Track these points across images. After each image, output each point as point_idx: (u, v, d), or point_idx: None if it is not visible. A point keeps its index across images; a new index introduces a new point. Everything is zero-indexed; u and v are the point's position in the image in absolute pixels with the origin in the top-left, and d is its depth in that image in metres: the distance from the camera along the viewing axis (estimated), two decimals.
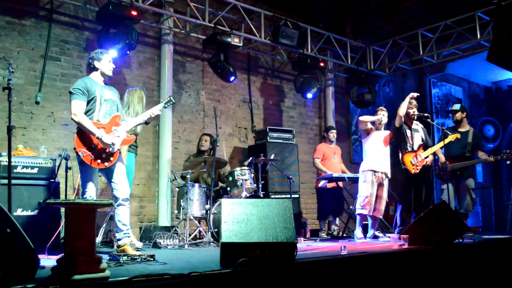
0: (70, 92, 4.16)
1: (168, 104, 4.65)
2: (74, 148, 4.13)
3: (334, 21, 9.26)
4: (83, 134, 4.12)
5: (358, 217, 6.07)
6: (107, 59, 4.38)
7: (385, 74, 9.90)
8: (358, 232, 6.01)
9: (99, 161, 4.12)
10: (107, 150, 4.16)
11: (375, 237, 5.96)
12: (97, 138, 4.09)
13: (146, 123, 4.57)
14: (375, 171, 5.96)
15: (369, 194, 5.91)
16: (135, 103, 5.27)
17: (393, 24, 9.78)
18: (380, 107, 6.32)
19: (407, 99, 6.07)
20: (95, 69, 4.36)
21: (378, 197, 5.97)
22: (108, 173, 4.32)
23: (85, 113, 4.16)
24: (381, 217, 6.09)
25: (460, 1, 8.62)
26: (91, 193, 4.19)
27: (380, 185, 5.97)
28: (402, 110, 6.02)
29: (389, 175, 6.05)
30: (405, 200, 6.04)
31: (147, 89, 7.02)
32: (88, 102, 4.18)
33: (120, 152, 4.35)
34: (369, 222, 6.06)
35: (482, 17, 8.03)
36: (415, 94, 6.11)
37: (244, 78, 8.42)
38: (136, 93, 5.27)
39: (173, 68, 7.23)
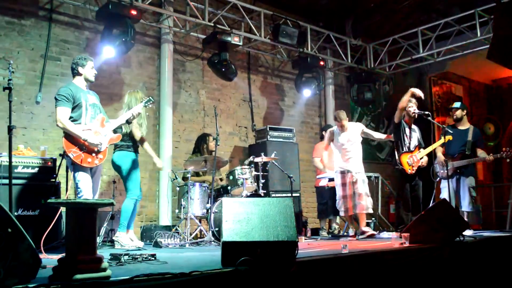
0: (56, 99, 4.31)
1: (148, 103, 4.89)
2: (64, 152, 4.26)
3: (334, 19, 9.26)
4: (71, 136, 4.27)
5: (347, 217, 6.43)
6: (90, 66, 4.55)
7: (385, 73, 9.89)
8: (349, 230, 6.29)
9: (89, 159, 4.30)
10: (95, 149, 4.33)
11: (362, 232, 5.99)
12: (83, 140, 4.25)
13: (128, 122, 4.78)
14: (343, 172, 6.11)
15: (341, 196, 6.10)
16: (134, 104, 5.27)
17: (393, 23, 9.77)
18: (339, 115, 6.25)
19: (409, 93, 6.08)
20: (79, 74, 4.52)
21: (356, 194, 6.03)
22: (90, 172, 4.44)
23: (74, 119, 4.32)
24: (368, 211, 6.08)
25: None
26: (87, 192, 4.25)
27: (354, 182, 6.05)
28: (401, 103, 6.06)
29: (362, 171, 6.17)
30: (403, 199, 6.06)
31: (147, 89, 7.02)
32: (74, 108, 4.34)
33: None
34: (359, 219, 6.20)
35: (482, 15, 8.03)
36: (417, 91, 6.08)
37: (244, 77, 8.41)
38: (138, 94, 5.29)
39: (173, 68, 7.23)
